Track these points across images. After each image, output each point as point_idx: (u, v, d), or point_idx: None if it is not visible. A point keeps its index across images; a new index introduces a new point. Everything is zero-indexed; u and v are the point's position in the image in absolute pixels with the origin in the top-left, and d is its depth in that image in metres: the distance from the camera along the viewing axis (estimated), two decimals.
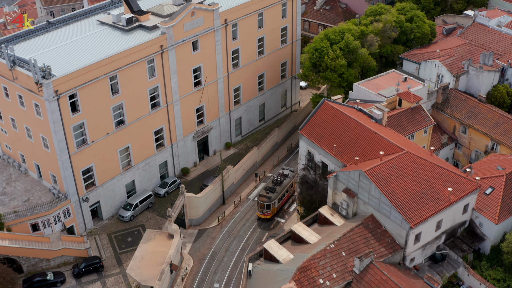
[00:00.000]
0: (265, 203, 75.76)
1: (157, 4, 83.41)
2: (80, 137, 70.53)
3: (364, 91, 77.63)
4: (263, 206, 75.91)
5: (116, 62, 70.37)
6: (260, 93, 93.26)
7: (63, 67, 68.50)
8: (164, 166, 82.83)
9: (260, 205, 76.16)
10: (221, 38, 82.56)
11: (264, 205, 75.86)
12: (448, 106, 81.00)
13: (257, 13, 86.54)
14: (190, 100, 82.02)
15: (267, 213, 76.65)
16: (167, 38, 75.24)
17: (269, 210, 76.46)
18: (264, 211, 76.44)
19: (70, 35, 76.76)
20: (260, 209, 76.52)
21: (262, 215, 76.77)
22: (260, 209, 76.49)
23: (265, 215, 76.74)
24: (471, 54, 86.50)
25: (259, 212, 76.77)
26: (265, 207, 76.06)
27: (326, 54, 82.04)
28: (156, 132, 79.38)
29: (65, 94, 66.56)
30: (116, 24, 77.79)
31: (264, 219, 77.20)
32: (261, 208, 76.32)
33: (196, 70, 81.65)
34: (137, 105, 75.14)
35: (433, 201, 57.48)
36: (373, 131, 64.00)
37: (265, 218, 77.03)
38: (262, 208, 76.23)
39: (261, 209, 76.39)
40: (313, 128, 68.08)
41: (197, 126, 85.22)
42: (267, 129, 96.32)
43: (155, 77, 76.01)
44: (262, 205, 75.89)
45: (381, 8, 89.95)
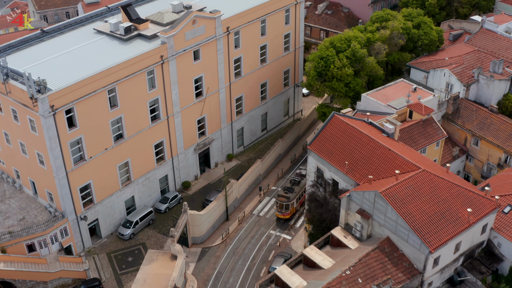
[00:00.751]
0: (284, 203, 75.66)
1: (156, 11, 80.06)
2: (77, 153, 67.20)
3: (373, 102, 74.67)
4: (282, 206, 75.83)
5: (114, 74, 67.07)
6: (262, 102, 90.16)
7: (59, 80, 65.14)
8: (165, 180, 79.60)
9: (279, 205, 76.06)
10: (223, 46, 79.36)
11: (283, 205, 75.74)
12: (459, 117, 78.21)
13: (259, 20, 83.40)
14: (191, 111, 78.81)
15: (286, 213, 76.58)
16: (168, 48, 71.98)
17: (288, 210, 76.39)
18: (283, 211, 76.35)
19: (65, 44, 73.33)
20: (279, 209, 76.40)
21: (281, 215, 76.60)
22: (279, 209, 76.37)
23: (284, 215, 76.61)
24: (480, 62, 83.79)
25: (278, 212, 76.67)
26: (284, 207, 75.92)
27: (332, 63, 79.03)
28: (156, 145, 76.16)
29: (62, 109, 63.23)
30: (114, 33, 74.40)
31: (283, 219, 77.06)
32: (280, 208, 76.21)
33: (198, 81, 78.45)
34: (136, 118, 71.87)
35: (452, 223, 54.62)
36: (386, 148, 60.99)
37: (284, 218, 76.80)
38: (281, 208, 76.10)
39: (280, 209, 76.28)
40: (323, 143, 65.00)
41: (198, 138, 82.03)
42: (269, 139, 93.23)
43: (155, 88, 72.77)
44: (281, 205, 75.81)
45: (387, 14, 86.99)
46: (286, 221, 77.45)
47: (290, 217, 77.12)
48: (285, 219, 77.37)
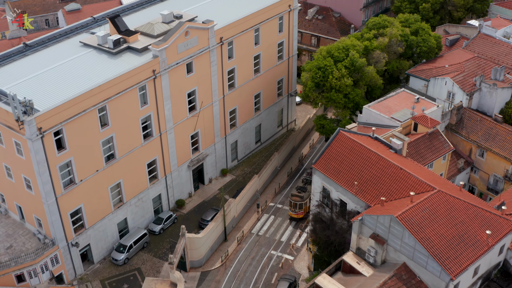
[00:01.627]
0: (297, 202, 75.48)
1: (145, 21, 76.01)
2: (67, 176, 63.03)
3: (375, 114, 71.57)
4: (295, 205, 75.70)
5: (105, 91, 63.03)
6: (256, 113, 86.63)
7: (46, 100, 60.95)
8: (158, 199, 75.69)
9: (292, 205, 75.91)
10: (216, 58, 75.65)
11: (297, 205, 75.60)
12: (463, 128, 75.59)
13: (253, 29, 79.84)
14: (184, 127, 75.00)
15: (300, 212, 76.36)
16: (160, 61, 68.08)
17: (301, 210, 76.17)
18: (297, 210, 76.17)
19: (51, 59, 69.00)
20: (292, 209, 76.22)
21: (295, 214, 76.43)
22: (292, 208, 76.19)
23: (297, 214, 76.45)
24: (481, 69, 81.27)
25: (292, 212, 76.46)
26: (298, 207, 75.73)
27: (331, 73, 75.75)
28: (149, 164, 72.22)
29: (50, 131, 59.00)
30: (102, 46, 70.20)
31: (296, 218, 76.92)
32: (294, 208, 76.05)
33: (191, 94, 74.65)
34: (128, 137, 67.87)
35: (471, 246, 51.72)
36: (398, 167, 57.90)
37: (298, 218, 76.68)
38: (294, 207, 75.98)
39: (293, 208, 76.12)
40: (329, 162, 61.71)
41: (192, 154, 78.24)
42: (263, 151, 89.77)
43: (148, 105, 68.83)
44: (295, 204, 75.67)
45: (384, 20, 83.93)
46: (299, 220, 76.87)
47: (303, 216, 76.67)
48: (298, 218, 76.89)
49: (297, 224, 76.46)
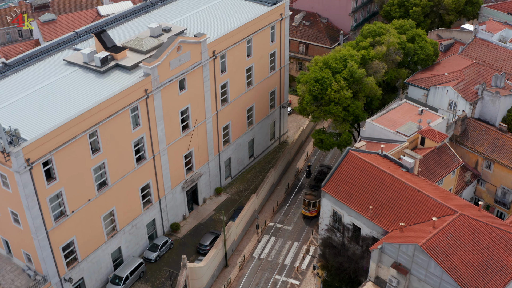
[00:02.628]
0: (311, 201, 75.70)
1: (132, 36, 71.51)
2: (57, 208, 58.36)
3: (380, 129, 68.35)
4: (309, 204, 75.89)
5: (96, 115, 58.40)
6: (249, 128, 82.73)
7: (33, 127, 56.35)
8: (152, 225, 71.33)
9: (306, 203, 76.10)
10: (209, 73, 71.53)
11: (311, 203, 75.79)
12: (468, 139, 72.85)
13: (245, 40, 75.86)
14: (178, 147, 70.76)
15: (313, 210, 76.42)
16: (152, 80, 63.68)
17: (315, 208, 76.10)
18: (311, 209, 76.33)
19: (34, 80, 64.22)
20: (306, 207, 76.41)
21: (309, 213, 76.60)
22: (306, 207, 76.38)
23: (311, 212, 76.59)
24: (481, 75, 78.69)
25: (305, 210, 76.61)
26: (312, 205, 75.87)
27: (329, 85, 72.19)
28: (142, 189, 67.80)
29: (39, 162, 54.22)
30: (88, 64, 65.53)
31: (310, 216, 77.03)
32: (307, 206, 76.24)
33: (184, 113, 70.43)
34: (120, 162, 63.40)
35: (498, 272, 48.85)
36: (415, 189, 54.67)
37: (312, 216, 76.73)
38: (308, 206, 76.15)
39: (307, 207, 76.33)
40: (339, 184, 58.20)
41: (186, 174, 74.00)
42: (257, 166, 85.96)
43: (140, 126, 64.41)
44: (309, 203, 75.83)
45: (380, 28, 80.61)
46: (313, 218, 76.72)
47: (316, 214, 76.28)
48: (312, 217, 76.90)
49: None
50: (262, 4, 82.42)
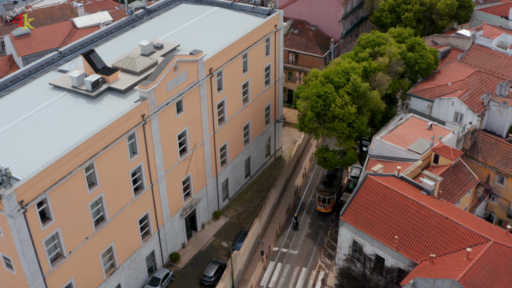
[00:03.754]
0: (327, 197, 76.05)
1: (121, 53, 66.72)
2: (54, 250, 53.32)
3: (390, 147, 64.88)
4: (324, 200, 76.24)
5: (92, 147, 53.41)
6: (245, 146, 78.48)
7: (24, 163, 51.23)
8: (151, 256, 66.63)
9: (321, 200, 76.36)
10: (206, 92, 67.06)
11: (326, 199, 76.13)
12: (478, 152, 69.95)
13: (241, 55, 71.54)
14: (176, 173, 66.16)
15: (328, 206, 76.83)
16: (149, 104, 58.89)
17: (330, 204, 76.68)
18: (326, 205, 76.62)
19: (19, 107, 58.98)
20: (321, 204, 76.65)
21: (324, 209, 76.86)
22: (321, 203, 76.62)
23: (326, 209, 76.88)
24: (485, 84, 75.95)
25: (320, 207, 76.88)
26: (327, 201, 76.26)
27: (333, 101, 68.40)
28: (141, 220, 63.02)
29: (33, 203, 49.11)
30: (78, 88, 60.42)
31: (325, 212, 77.41)
32: (322, 203, 76.51)
33: (181, 136, 65.86)
34: (118, 194, 58.56)
35: None
36: (442, 216, 51.37)
37: (327, 212, 77.13)
38: (323, 202, 76.43)
39: (322, 203, 76.56)
40: (359, 212, 54.47)
41: (184, 201, 69.41)
42: (254, 185, 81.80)
43: (137, 155, 59.62)
44: (324, 199, 76.15)
45: (378, 37, 77.12)
46: (328, 214, 77.32)
47: (331, 210, 77.33)
48: (327, 213, 77.31)
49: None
50: (254, 15, 78.20)
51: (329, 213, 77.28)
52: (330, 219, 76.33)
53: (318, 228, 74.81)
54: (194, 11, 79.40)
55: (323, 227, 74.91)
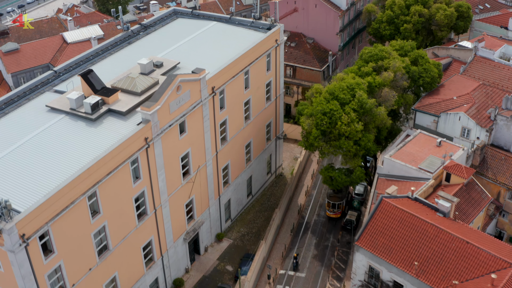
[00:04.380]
0: (336, 202, 76.58)
1: (122, 74, 64.11)
2: (57, 284, 50.56)
3: (400, 165, 62.98)
4: (334, 206, 76.89)
5: (95, 174, 50.80)
6: (247, 165, 76.19)
7: (24, 192, 48.61)
8: (155, 284, 64.01)
9: (331, 205, 76.95)
10: (209, 111, 64.75)
11: (336, 205, 76.78)
12: (488, 168, 68.27)
13: (243, 72, 69.36)
14: (179, 196, 63.73)
15: (338, 212, 77.46)
16: (152, 126, 56.41)
17: (339, 209, 77.29)
18: (335, 210, 77.20)
19: (15, 132, 56.26)
20: (331, 209, 77.26)
21: (333, 214, 77.47)
22: (331, 209, 77.22)
23: (336, 214, 77.46)
24: (490, 98, 74.48)
25: (330, 212, 77.49)
26: (336, 207, 76.78)
27: (339, 118, 66.44)
28: (144, 247, 60.42)
29: (35, 237, 46.42)
30: (77, 111, 57.78)
31: (335, 218, 78.02)
32: (332, 208, 77.10)
33: (184, 158, 63.42)
34: (121, 222, 55.99)
35: None
36: (463, 240, 49.40)
37: (336, 217, 77.76)
38: (333, 208, 77.05)
39: (332, 209, 77.17)
40: (375, 237, 52.39)
41: (187, 224, 66.93)
42: (256, 205, 79.51)
43: (141, 180, 57.09)
44: (334, 205, 76.80)
45: (381, 51, 75.39)
46: (337, 219, 77.90)
47: (340, 215, 78.00)
48: (337, 218, 77.85)
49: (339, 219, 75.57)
50: (253, 29, 76.13)
51: (338, 218, 78.08)
52: (337, 239, 74.21)
53: (324, 248, 72.66)
54: (192, 26, 77.16)
55: (330, 248, 72.74)
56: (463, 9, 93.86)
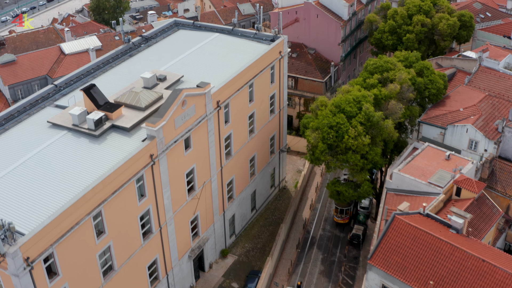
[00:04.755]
0: (344, 208, 76.87)
1: (124, 88, 62.72)
2: None
3: (410, 180, 61.83)
4: (342, 211, 77.14)
5: (100, 193, 49.33)
6: (251, 179, 74.84)
7: (27, 213, 47.06)
8: None
9: (339, 211, 77.30)
10: (213, 126, 63.43)
11: (344, 210, 77.06)
12: (496, 182, 67.22)
13: (248, 85, 68.12)
14: (184, 213, 62.31)
15: (346, 217, 77.77)
16: (157, 142, 55.01)
17: (347, 215, 77.62)
18: (343, 216, 77.47)
19: (16, 149, 54.75)
20: (339, 215, 77.56)
21: (341, 220, 77.76)
22: (339, 214, 77.53)
23: (344, 219, 77.77)
24: (497, 109, 73.50)
25: (337, 218, 77.77)
26: (344, 212, 77.01)
27: (346, 132, 65.22)
28: (149, 266, 58.91)
29: (39, 260, 44.87)
30: (79, 127, 56.31)
31: (342, 223, 78.44)
32: (340, 214, 77.41)
33: (189, 174, 62.00)
34: (127, 241, 54.49)
35: None
36: (479, 259, 48.18)
37: (344, 223, 78.14)
38: (341, 213, 77.36)
39: (340, 214, 77.47)
40: (388, 255, 51.10)
41: (192, 241, 65.46)
42: (260, 219, 78.14)
43: (146, 198, 55.63)
44: (342, 210, 77.16)
45: (386, 62, 74.35)
46: (345, 225, 78.22)
47: (348, 221, 78.40)
48: (344, 223, 78.24)
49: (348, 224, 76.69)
50: (257, 41, 74.93)
51: (346, 224, 78.33)
52: (343, 254, 72.90)
53: (331, 264, 71.33)
54: (194, 37, 75.91)
55: (337, 263, 71.41)
56: (465, 19, 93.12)
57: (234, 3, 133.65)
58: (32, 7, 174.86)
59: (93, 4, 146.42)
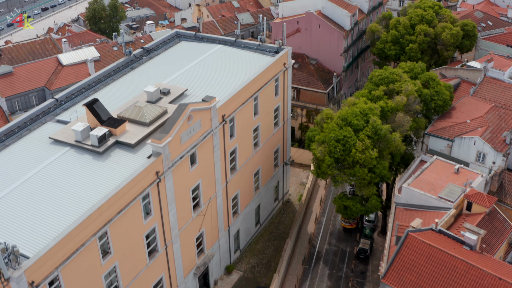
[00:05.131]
0: None
1: (127, 102, 61.31)
2: None
3: (419, 195, 60.66)
4: (349, 217, 72.76)
5: (105, 213, 47.88)
6: (256, 193, 73.49)
7: (31, 235, 45.55)
8: None
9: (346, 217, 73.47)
10: (219, 141, 62.10)
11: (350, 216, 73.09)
12: (506, 194, 66.20)
13: (252, 98, 66.88)
14: (189, 230, 60.91)
15: (353, 223, 77.68)
16: (163, 159, 53.61)
17: (354, 220, 77.46)
18: (350, 221, 77.32)
19: (17, 167, 53.18)
20: (346, 220, 77.29)
21: (349, 225, 77.69)
22: (346, 220, 77.26)
23: (351, 225, 77.67)
24: (504, 121, 72.51)
25: (345, 223, 77.64)
26: (351, 218, 75.59)
27: (353, 145, 64.04)
28: (155, 285, 57.41)
29: (44, 284, 43.34)
30: (82, 143, 54.84)
31: (350, 228, 78.30)
32: (348, 219, 76.57)
33: (195, 190, 60.60)
34: (132, 261, 53.03)
35: None
36: (495, 277, 47.01)
37: (352, 228, 78.02)
38: (348, 219, 76.37)
39: (347, 220, 77.02)
40: (402, 274, 49.84)
41: (197, 258, 64.01)
42: (264, 234, 76.74)
43: (152, 216, 54.19)
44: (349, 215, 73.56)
45: (392, 74, 73.31)
46: (352, 230, 77.94)
47: (356, 226, 78.28)
48: (352, 229, 78.08)
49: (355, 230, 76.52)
50: (260, 53, 73.75)
51: (354, 229, 78.08)
52: (350, 269, 71.57)
53: (338, 279, 70.00)
54: (196, 49, 74.65)
55: (344, 279, 70.11)
56: (468, 28, 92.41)
57: (232, 12, 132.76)
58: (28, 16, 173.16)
59: (89, 13, 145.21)
